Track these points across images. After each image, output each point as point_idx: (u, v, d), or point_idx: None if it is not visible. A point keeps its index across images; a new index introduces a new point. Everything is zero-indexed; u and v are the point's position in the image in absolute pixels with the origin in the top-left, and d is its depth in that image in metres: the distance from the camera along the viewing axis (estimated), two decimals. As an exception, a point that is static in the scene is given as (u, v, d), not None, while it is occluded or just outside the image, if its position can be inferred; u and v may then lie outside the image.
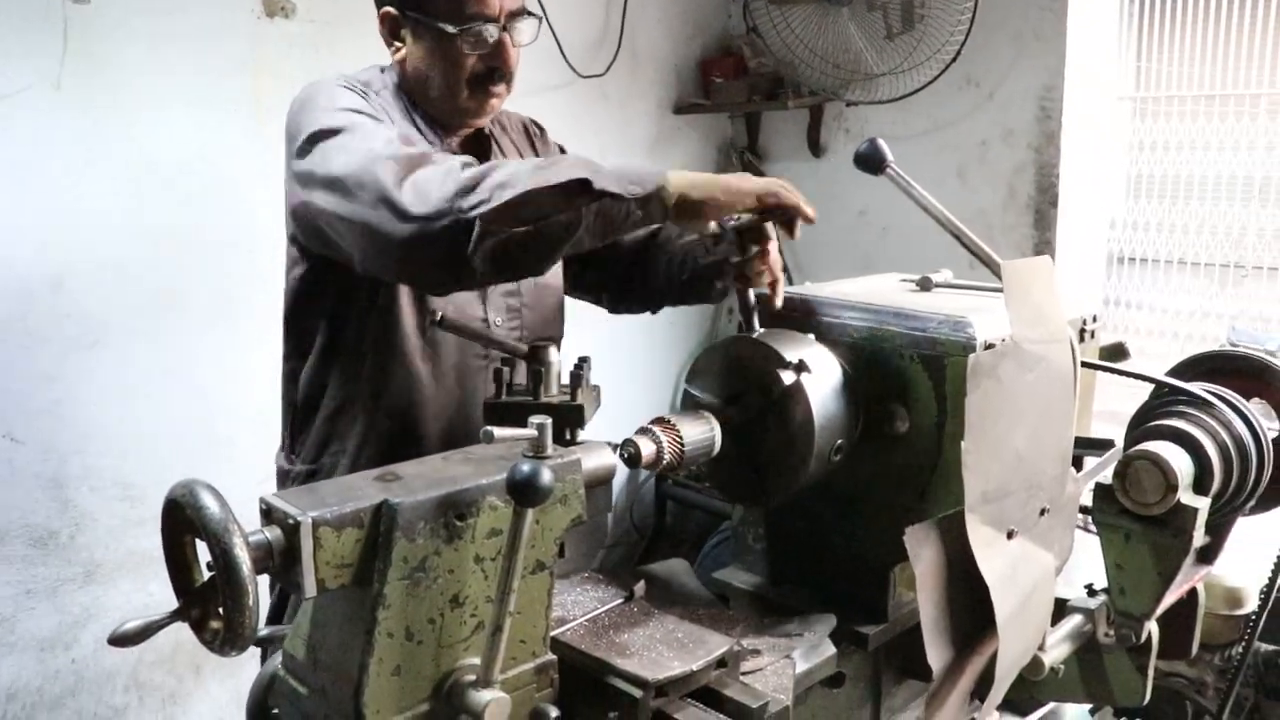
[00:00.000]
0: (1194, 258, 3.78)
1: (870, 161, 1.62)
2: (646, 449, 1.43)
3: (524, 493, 1.10)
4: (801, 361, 1.53)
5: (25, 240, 2.75)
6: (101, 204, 2.84)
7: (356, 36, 2.01)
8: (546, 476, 1.09)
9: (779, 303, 1.66)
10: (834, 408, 1.56)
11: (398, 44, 1.89)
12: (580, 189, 1.51)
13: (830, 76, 3.88)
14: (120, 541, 3.00)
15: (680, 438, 1.47)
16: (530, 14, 1.90)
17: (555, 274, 2.09)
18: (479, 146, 2.02)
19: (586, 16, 3.95)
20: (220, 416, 3.10)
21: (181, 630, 1.12)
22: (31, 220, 2.74)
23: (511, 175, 1.53)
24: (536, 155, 2.13)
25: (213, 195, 2.99)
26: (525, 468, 1.09)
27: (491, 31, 1.84)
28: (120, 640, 1.07)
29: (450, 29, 1.81)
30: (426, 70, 1.87)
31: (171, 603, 1.12)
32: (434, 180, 1.55)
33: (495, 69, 1.88)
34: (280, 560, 1.09)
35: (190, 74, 2.94)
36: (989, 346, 1.47)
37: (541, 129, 2.23)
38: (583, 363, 1.51)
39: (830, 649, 1.56)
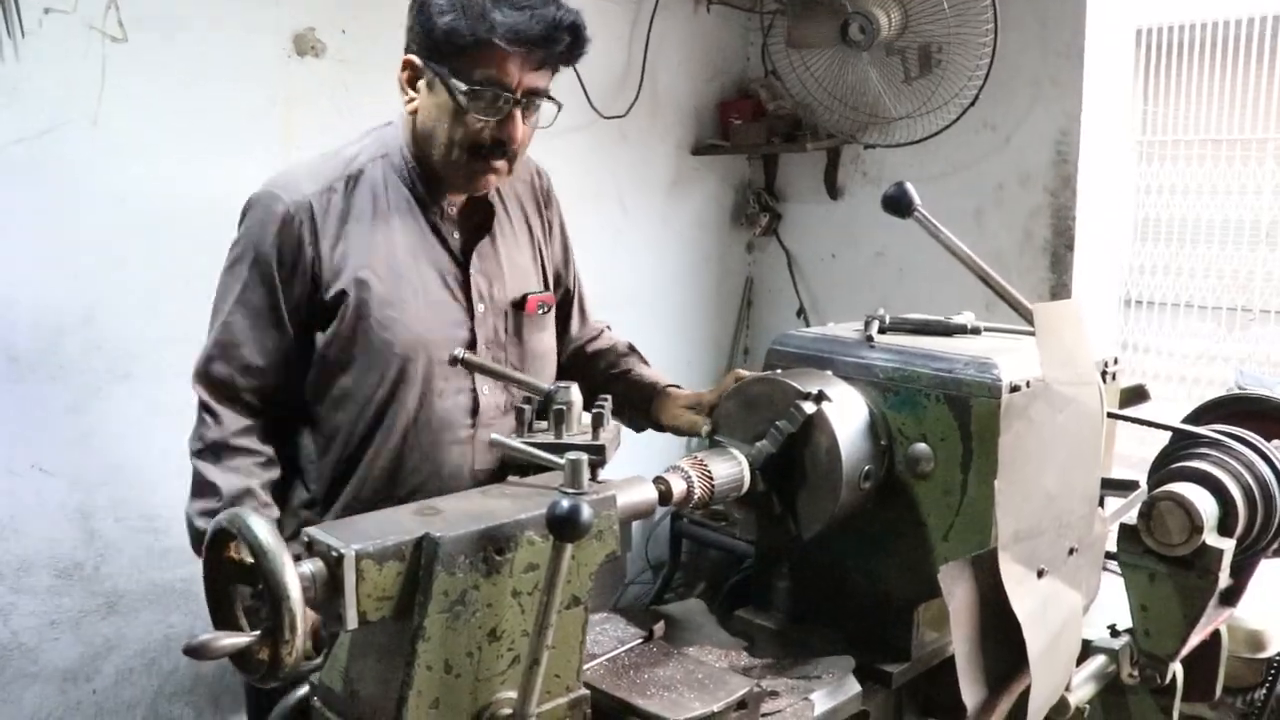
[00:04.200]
0: (1201, 301, 3.79)
1: (898, 204, 1.65)
2: (677, 486, 1.46)
3: (563, 528, 1.11)
4: (821, 392, 1.56)
5: (58, 273, 2.79)
6: (134, 238, 2.88)
7: (385, 76, 1.99)
8: (586, 513, 1.11)
9: None
10: (859, 436, 1.59)
11: (413, 93, 1.84)
12: None
13: (848, 119, 3.92)
14: (144, 573, 3.01)
15: (710, 475, 1.49)
16: (552, 99, 1.85)
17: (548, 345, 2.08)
18: (480, 213, 1.98)
19: (609, 58, 4.00)
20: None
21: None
22: (65, 253, 2.79)
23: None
24: (541, 219, 2.12)
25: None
26: (565, 504, 1.11)
27: (506, 99, 1.77)
28: (196, 651, 1.05)
29: (460, 87, 1.74)
30: (433, 126, 1.82)
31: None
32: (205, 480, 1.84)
33: (499, 141, 1.81)
34: (322, 592, 1.11)
35: (223, 112, 2.99)
36: (1014, 388, 1.49)
37: (546, 181, 2.17)
38: (603, 402, 1.52)
39: (855, 687, 1.57)
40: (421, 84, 1.81)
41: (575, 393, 1.51)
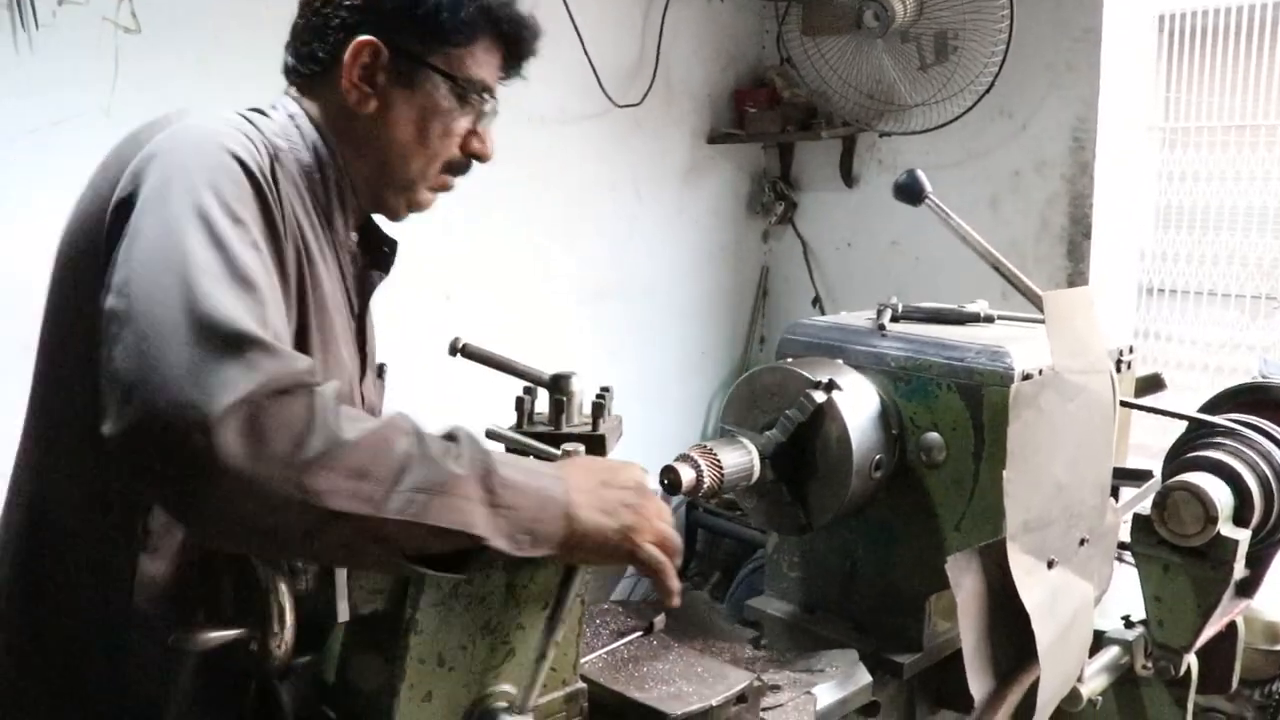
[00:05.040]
0: (1224, 289, 3.74)
1: (910, 192, 1.63)
2: (686, 475, 1.44)
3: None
4: (831, 381, 1.54)
5: (69, 265, 2.79)
6: (144, 230, 2.88)
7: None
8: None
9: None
10: (869, 425, 1.57)
11: (367, 90, 1.33)
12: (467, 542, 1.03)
13: (863, 107, 3.89)
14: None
15: (719, 463, 1.48)
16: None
17: None
18: (374, 249, 1.48)
19: (623, 46, 3.98)
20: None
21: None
22: (76, 245, 2.79)
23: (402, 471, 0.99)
24: None
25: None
26: None
27: (494, 105, 1.40)
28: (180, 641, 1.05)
29: (471, 86, 1.35)
30: (408, 133, 1.35)
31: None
32: (295, 418, 0.95)
33: (476, 157, 1.41)
34: (314, 584, 1.09)
35: (236, 102, 2.98)
36: (1026, 376, 1.46)
37: None
38: (605, 392, 1.50)
39: (866, 677, 1.56)
40: (385, 80, 1.34)
41: (576, 383, 1.49)
